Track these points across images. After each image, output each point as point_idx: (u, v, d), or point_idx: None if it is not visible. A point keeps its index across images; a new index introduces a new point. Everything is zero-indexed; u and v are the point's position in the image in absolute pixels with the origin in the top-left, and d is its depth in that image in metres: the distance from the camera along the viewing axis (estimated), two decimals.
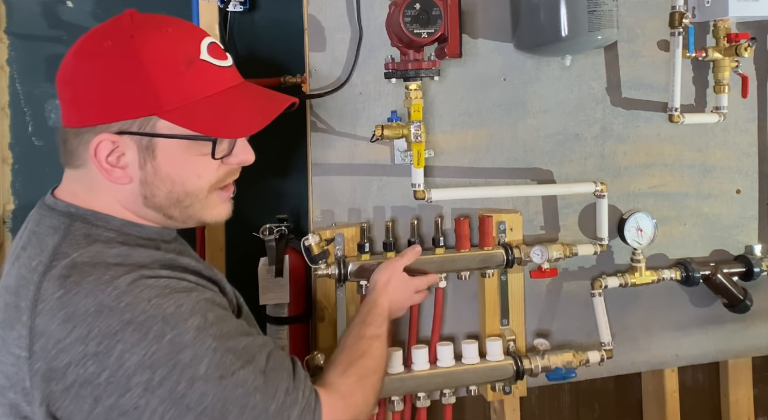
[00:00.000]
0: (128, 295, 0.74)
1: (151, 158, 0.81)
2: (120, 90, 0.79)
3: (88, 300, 0.73)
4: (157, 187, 0.83)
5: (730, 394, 1.72)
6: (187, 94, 0.81)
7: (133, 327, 0.72)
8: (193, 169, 0.84)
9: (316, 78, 1.33)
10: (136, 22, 0.82)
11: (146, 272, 0.77)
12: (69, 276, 0.75)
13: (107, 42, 0.79)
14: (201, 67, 0.83)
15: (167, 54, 0.80)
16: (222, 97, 0.84)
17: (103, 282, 0.74)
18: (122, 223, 0.84)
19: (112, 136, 0.79)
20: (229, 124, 0.83)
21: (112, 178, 0.81)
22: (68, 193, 0.85)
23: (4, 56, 1.35)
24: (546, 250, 1.37)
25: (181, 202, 0.85)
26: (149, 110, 0.79)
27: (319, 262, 1.26)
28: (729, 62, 1.46)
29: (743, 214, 1.57)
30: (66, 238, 0.79)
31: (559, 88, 1.45)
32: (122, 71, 0.78)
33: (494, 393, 1.39)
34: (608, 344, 1.43)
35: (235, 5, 1.42)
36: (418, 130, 1.27)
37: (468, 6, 1.37)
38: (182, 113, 0.80)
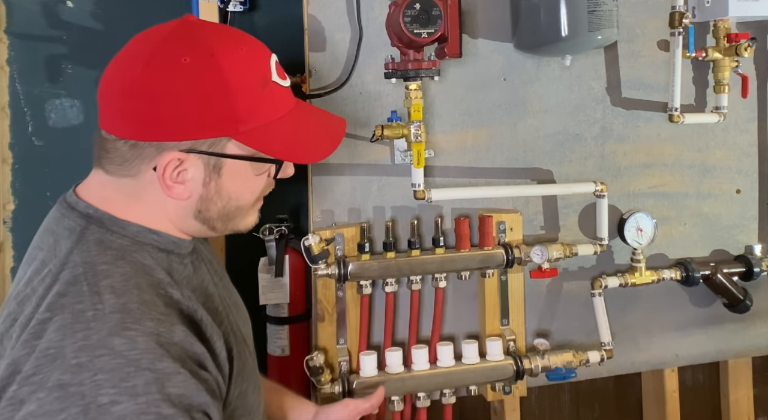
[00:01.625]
0: (86, 353, 0.66)
1: (217, 177, 0.80)
2: (198, 109, 0.76)
3: (56, 336, 0.67)
4: (215, 203, 0.82)
5: (730, 394, 1.72)
6: (262, 116, 0.80)
7: (59, 393, 0.64)
8: (250, 187, 0.84)
9: (316, 78, 1.33)
10: (210, 34, 0.80)
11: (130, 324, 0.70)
12: (64, 295, 0.71)
13: (186, 58, 0.76)
14: (273, 88, 0.82)
15: (246, 75, 0.79)
16: (289, 120, 0.83)
17: (83, 319, 0.69)
18: (138, 229, 0.80)
19: (180, 154, 0.77)
20: (300, 149, 0.84)
21: (172, 193, 0.79)
22: (98, 197, 0.81)
23: (4, 56, 1.35)
24: (546, 250, 1.37)
25: (229, 215, 0.84)
26: (225, 131, 0.78)
27: (319, 262, 1.26)
28: (729, 62, 1.46)
29: (743, 214, 1.57)
30: (79, 243, 0.77)
31: (559, 88, 1.45)
32: (203, 90, 0.76)
33: (494, 393, 1.39)
34: (608, 344, 1.43)
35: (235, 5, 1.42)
36: (418, 130, 1.27)
37: (468, 6, 1.37)
38: (256, 136, 0.79)
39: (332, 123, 0.92)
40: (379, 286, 1.34)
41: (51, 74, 1.37)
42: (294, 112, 0.85)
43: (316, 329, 1.32)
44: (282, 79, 0.85)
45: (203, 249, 0.96)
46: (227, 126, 0.77)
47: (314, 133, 0.87)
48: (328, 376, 1.28)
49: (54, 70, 1.37)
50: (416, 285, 1.34)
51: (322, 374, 1.26)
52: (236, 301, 0.97)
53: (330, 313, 1.32)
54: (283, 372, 1.36)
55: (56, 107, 1.38)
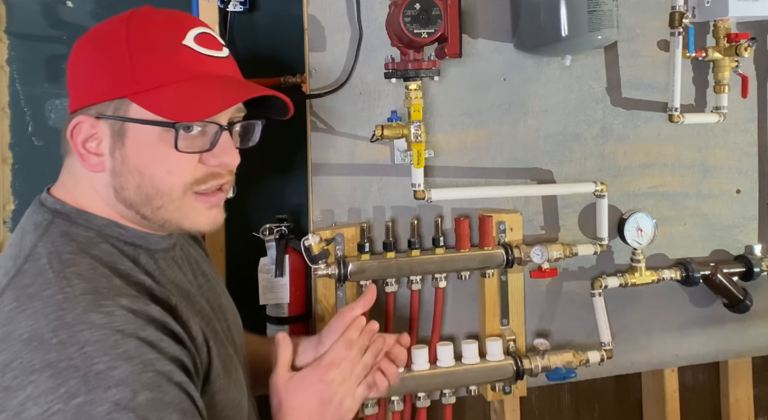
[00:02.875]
0: (66, 330, 0.65)
1: (120, 145, 0.76)
2: (101, 72, 0.77)
3: (28, 322, 0.66)
4: (126, 179, 0.77)
5: (730, 394, 1.72)
6: (159, 77, 0.76)
7: (51, 372, 0.63)
8: (162, 162, 0.77)
9: (316, 78, 1.33)
10: (138, 11, 0.81)
11: (104, 301, 0.68)
12: (29, 286, 0.69)
13: (104, 26, 0.80)
14: (182, 52, 0.78)
15: (149, 37, 0.78)
16: (198, 84, 0.77)
17: (53, 303, 0.67)
18: (104, 223, 0.79)
19: (89, 119, 0.77)
20: (191, 109, 0.76)
21: (87, 163, 0.78)
22: (59, 186, 0.82)
23: (4, 56, 1.35)
24: (546, 250, 1.37)
25: (151, 200, 0.78)
26: (122, 91, 0.76)
27: (319, 262, 1.26)
28: (729, 62, 1.46)
29: (743, 214, 1.57)
30: (44, 236, 0.75)
31: (559, 88, 1.45)
32: (107, 53, 0.77)
33: (494, 393, 1.39)
34: (608, 344, 1.43)
35: (235, 5, 1.42)
36: (418, 130, 1.27)
37: (468, 6, 1.37)
38: (150, 96, 0.75)
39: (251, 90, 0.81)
40: (379, 286, 1.34)
41: (51, 74, 1.37)
42: (213, 80, 0.79)
43: (316, 329, 1.32)
44: (205, 48, 0.79)
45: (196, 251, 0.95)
46: (123, 86, 0.76)
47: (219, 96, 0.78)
48: None
49: (54, 70, 1.37)
50: (416, 285, 1.34)
51: None
52: (223, 304, 0.93)
53: (330, 313, 1.32)
54: None
55: (56, 107, 1.38)
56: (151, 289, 0.76)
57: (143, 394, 0.65)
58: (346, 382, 0.92)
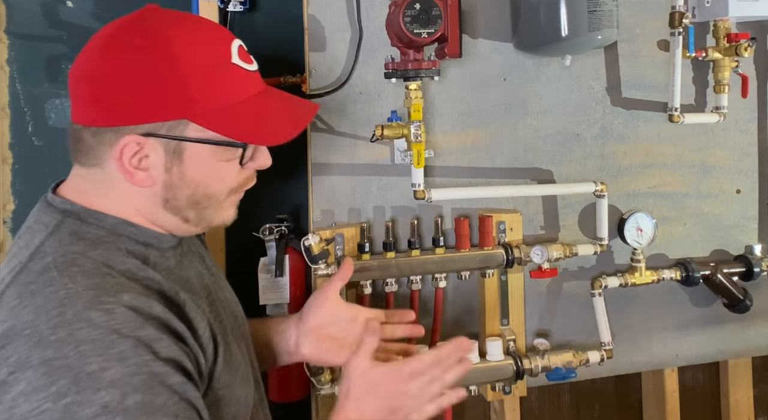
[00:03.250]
0: (64, 328, 0.65)
1: (179, 162, 0.78)
2: (152, 91, 0.75)
3: (29, 317, 0.66)
4: (180, 190, 0.80)
5: (730, 394, 1.72)
6: (220, 98, 0.79)
7: (45, 369, 0.63)
8: (218, 174, 0.82)
9: (316, 78, 1.33)
10: (165, 20, 0.80)
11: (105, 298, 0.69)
12: (33, 282, 0.70)
13: (137, 40, 0.76)
14: (232, 70, 0.81)
15: (201, 56, 0.78)
16: (253, 103, 0.82)
17: (54, 299, 0.68)
18: (116, 221, 0.79)
19: (138, 138, 0.76)
20: (262, 131, 0.82)
21: (134, 180, 0.78)
22: (73, 190, 0.81)
23: (4, 56, 1.35)
24: (546, 250, 1.37)
25: (199, 204, 0.82)
26: (181, 113, 0.77)
27: (319, 262, 1.26)
28: (729, 62, 1.46)
29: (743, 214, 1.57)
30: (52, 235, 0.76)
31: (559, 88, 1.45)
32: (155, 72, 0.75)
33: (494, 393, 1.39)
34: (608, 344, 1.43)
35: (235, 5, 1.42)
36: (418, 130, 1.27)
37: (468, 6, 1.37)
38: (215, 118, 0.78)
39: (300, 107, 0.90)
40: (379, 286, 1.34)
41: (51, 74, 1.37)
42: (260, 96, 0.84)
43: None
44: (246, 63, 0.83)
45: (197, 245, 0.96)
46: (182, 108, 0.76)
47: (278, 116, 0.85)
48: (328, 376, 1.28)
49: (54, 70, 1.37)
50: (416, 285, 1.34)
51: (322, 374, 1.26)
52: (227, 297, 0.95)
53: None
54: (283, 372, 1.36)
55: (56, 107, 1.38)
56: (160, 284, 0.77)
57: (133, 397, 0.65)
58: (422, 397, 0.89)
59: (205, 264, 0.95)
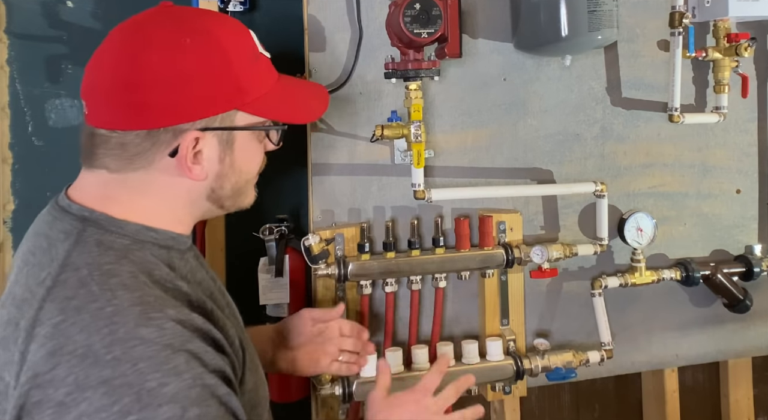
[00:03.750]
0: (119, 346, 0.66)
1: (230, 152, 0.82)
2: (209, 87, 0.78)
3: (81, 337, 0.66)
4: (229, 179, 0.83)
5: (730, 394, 1.72)
6: (261, 86, 0.83)
7: (105, 389, 0.64)
8: (258, 158, 0.87)
9: (316, 78, 1.33)
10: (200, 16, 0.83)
11: (153, 314, 0.69)
12: (73, 298, 0.69)
13: (186, 39, 0.77)
14: (262, 59, 0.86)
15: (242, 48, 0.82)
16: (280, 87, 0.87)
17: (103, 316, 0.68)
18: (137, 228, 0.79)
19: (197, 133, 0.78)
20: (300, 110, 0.90)
21: (192, 175, 0.79)
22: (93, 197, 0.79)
23: (4, 56, 1.35)
24: (546, 250, 1.37)
25: (240, 190, 0.86)
26: (234, 104, 0.80)
27: (319, 262, 1.26)
28: (729, 62, 1.46)
29: (743, 214, 1.57)
30: (77, 245, 0.74)
31: (559, 88, 1.45)
32: (209, 67, 0.78)
33: (494, 393, 1.39)
34: (608, 344, 1.43)
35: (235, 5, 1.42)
36: (418, 130, 1.27)
37: (468, 6, 1.37)
38: (261, 104, 0.83)
39: (314, 87, 1.00)
40: (379, 286, 1.34)
41: (51, 74, 1.37)
42: (282, 80, 0.89)
43: None
44: (265, 51, 0.88)
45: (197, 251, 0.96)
46: (234, 98, 0.80)
47: (304, 96, 0.94)
48: (328, 376, 1.28)
49: (54, 70, 1.37)
50: (416, 285, 1.34)
51: (322, 374, 1.26)
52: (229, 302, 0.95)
53: None
54: None
55: (56, 107, 1.37)
56: (188, 295, 0.77)
57: (192, 411, 0.67)
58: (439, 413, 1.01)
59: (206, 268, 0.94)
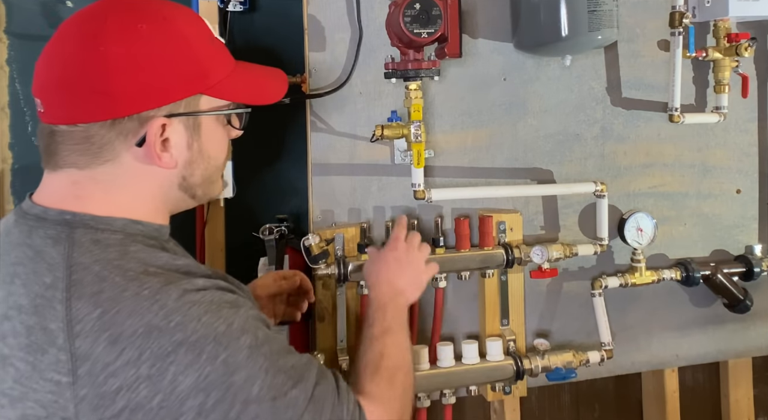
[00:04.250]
0: (177, 313, 0.70)
1: (197, 137, 0.81)
2: (171, 71, 0.77)
3: (134, 320, 0.68)
4: (198, 165, 0.83)
5: (730, 394, 1.72)
6: (222, 68, 0.83)
7: (185, 348, 0.69)
8: (224, 143, 0.87)
9: (316, 78, 1.33)
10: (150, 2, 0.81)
11: (186, 285, 0.73)
12: (101, 292, 0.70)
13: (142, 25, 0.76)
14: (218, 43, 0.86)
15: (200, 31, 0.82)
16: (240, 70, 0.86)
17: (144, 298, 0.70)
18: (124, 222, 0.78)
19: (163, 120, 0.77)
20: (263, 92, 0.89)
21: (162, 163, 0.78)
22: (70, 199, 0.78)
23: (4, 56, 1.35)
24: (546, 250, 1.37)
25: (210, 178, 0.85)
26: (198, 88, 0.80)
27: (319, 262, 1.26)
28: (729, 62, 1.46)
29: (743, 214, 1.57)
30: (74, 247, 0.73)
31: (559, 88, 1.45)
32: (171, 52, 0.77)
33: (494, 393, 1.39)
34: (608, 344, 1.43)
35: (235, 5, 1.42)
36: (418, 130, 1.27)
37: (468, 6, 1.37)
38: (224, 87, 0.82)
39: (271, 70, 0.97)
40: None
41: None
42: (240, 66, 0.88)
43: (316, 329, 1.32)
44: (219, 37, 0.88)
45: None
46: (198, 82, 0.80)
47: (264, 77, 0.93)
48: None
49: None
50: None
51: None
52: None
53: (330, 313, 1.32)
54: None
55: None
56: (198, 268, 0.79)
57: (261, 332, 0.76)
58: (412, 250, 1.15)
59: None
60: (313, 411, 0.77)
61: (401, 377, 0.96)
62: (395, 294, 1.08)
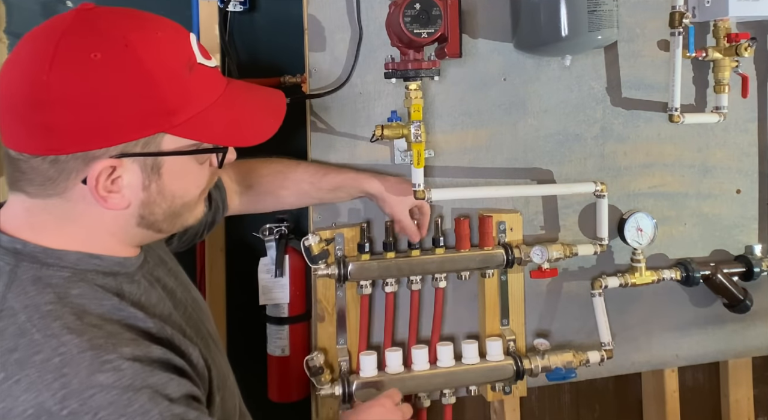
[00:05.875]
0: (74, 399, 0.61)
1: (157, 178, 0.73)
2: (124, 108, 0.68)
3: (28, 396, 0.61)
4: (159, 205, 0.75)
5: (730, 394, 1.72)
6: (195, 104, 0.73)
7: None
8: (196, 181, 0.78)
9: (316, 78, 1.33)
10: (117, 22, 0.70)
11: (109, 355, 0.64)
12: (15, 350, 0.63)
13: (96, 53, 0.67)
14: (201, 71, 0.75)
15: (169, 60, 0.71)
16: (224, 102, 0.77)
17: (51, 368, 0.62)
18: (78, 256, 0.72)
19: (112, 161, 0.68)
20: (242, 131, 0.78)
21: (108, 205, 0.71)
22: (20, 226, 0.72)
23: (4, 56, 1.35)
24: (546, 250, 1.37)
25: (175, 214, 0.77)
26: (159, 127, 0.70)
27: (319, 262, 1.26)
28: (729, 62, 1.46)
29: (743, 214, 1.57)
30: (11, 285, 0.67)
31: (559, 88, 1.45)
32: (124, 87, 0.67)
33: (494, 393, 1.39)
34: (608, 344, 1.43)
35: (235, 5, 1.42)
36: (418, 130, 1.26)
37: (468, 6, 1.37)
38: (193, 125, 0.72)
39: (270, 98, 0.86)
40: (379, 286, 1.34)
41: None
42: (228, 93, 0.78)
43: (316, 329, 1.32)
44: (207, 60, 0.77)
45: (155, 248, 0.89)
46: (160, 120, 0.70)
47: (252, 112, 0.81)
48: (328, 376, 1.28)
49: None
50: (416, 285, 1.34)
51: (322, 374, 1.26)
52: (195, 297, 0.91)
53: (330, 313, 1.32)
54: (283, 372, 1.36)
55: None
56: (144, 322, 0.73)
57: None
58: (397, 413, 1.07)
59: (168, 267, 0.89)
60: None
61: None
62: None
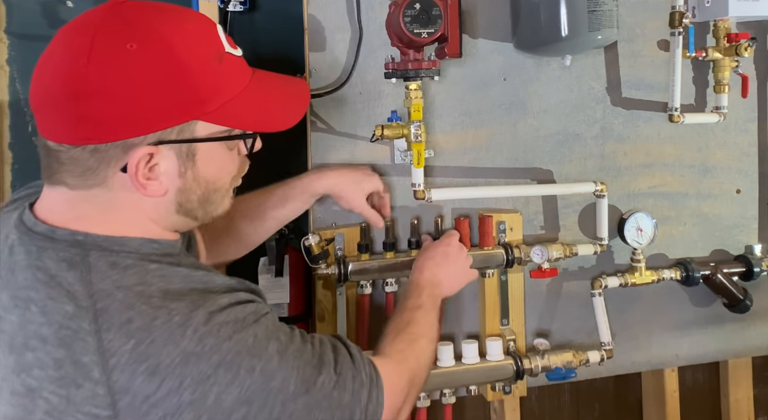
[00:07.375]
0: (209, 337, 0.70)
1: (192, 165, 0.76)
2: (161, 97, 0.71)
3: (169, 349, 0.68)
4: (193, 192, 0.78)
5: (730, 394, 1.72)
6: (226, 91, 0.77)
7: (224, 368, 0.70)
8: (228, 167, 0.82)
9: (316, 78, 1.33)
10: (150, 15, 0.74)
11: (211, 307, 0.72)
12: (131, 321, 0.68)
13: (132, 44, 0.70)
14: (229, 60, 0.79)
15: (201, 51, 0.75)
16: (252, 90, 0.81)
17: (176, 325, 0.69)
18: (139, 242, 0.76)
19: (149, 148, 0.72)
20: (272, 117, 0.83)
21: (147, 192, 0.74)
22: (69, 218, 0.75)
23: (4, 56, 1.35)
24: (546, 250, 1.37)
25: (209, 200, 0.81)
26: (193, 115, 0.74)
27: (319, 262, 1.26)
28: (729, 62, 1.46)
29: (743, 214, 1.57)
30: (91, 272, 0.71)
31: (559, 88, 1.45)
32: (160, 76, 0.71)
33: (494, 393, 1.39)
34: (608, 344, 1.43)
35: (235, 5, 1.42)
36: (418, 130, 1.27)
37: (468, 6, 1.37)
38: (225, 112, 0.76)
39: (294, 85, 0.91)
40: (379, 286, 1.34)
41: None
42: (254, 81, 0.83)
43: (316, 329, 1.32)
44: (234, 49, 0.81)
45: None
46: (193, 108, 0.74)
47: (280, 99, 0.86)
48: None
49: None
50: None
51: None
52: None
53: (330, 313, 1.32)
54: None
55: None
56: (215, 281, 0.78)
57: (281, 334, 0.78)
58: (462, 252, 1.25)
59: None
60: (339, 388, 0.79)
61: (422, 343, 1.00)
62: (433, 284, 1.15)
